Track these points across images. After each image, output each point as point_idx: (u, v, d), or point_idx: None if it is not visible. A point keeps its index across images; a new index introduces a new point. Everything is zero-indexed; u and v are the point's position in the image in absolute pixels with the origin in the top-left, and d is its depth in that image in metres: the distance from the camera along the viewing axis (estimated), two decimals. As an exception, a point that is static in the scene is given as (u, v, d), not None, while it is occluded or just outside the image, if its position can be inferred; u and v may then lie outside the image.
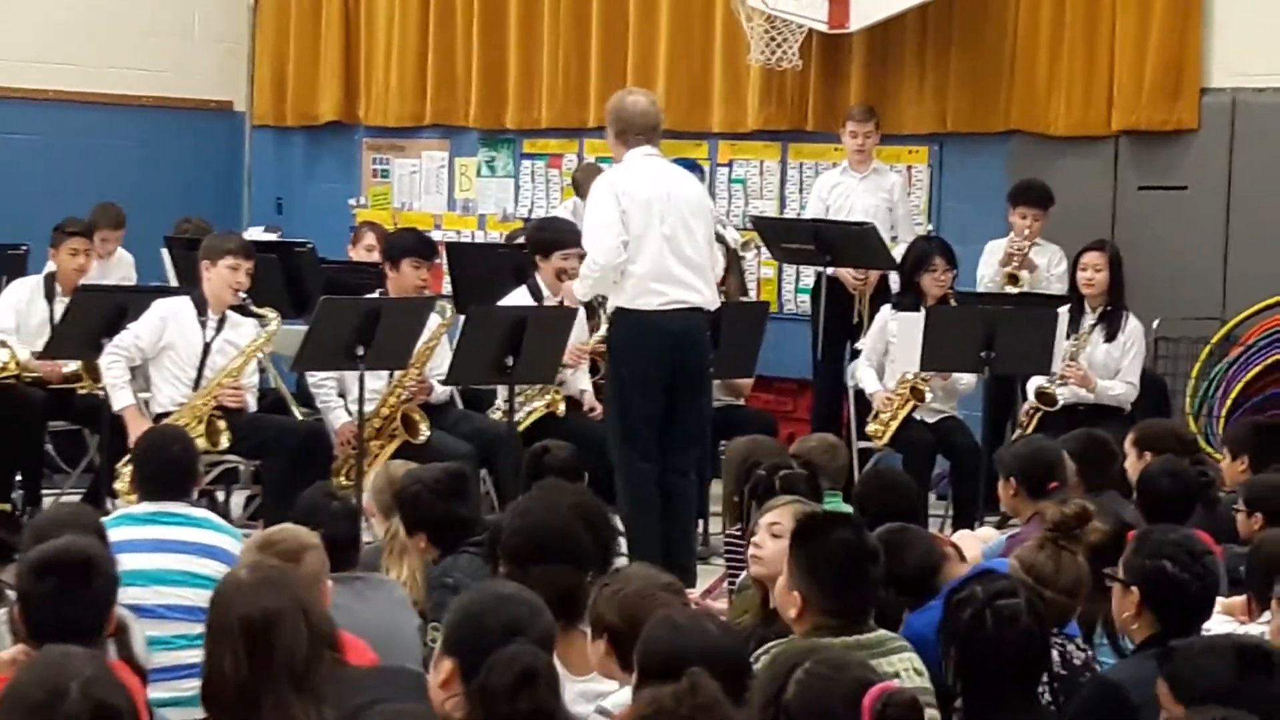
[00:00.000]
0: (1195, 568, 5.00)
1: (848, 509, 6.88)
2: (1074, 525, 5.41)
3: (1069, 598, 5.24)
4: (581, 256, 9.78)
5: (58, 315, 10.08)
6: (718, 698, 3.54)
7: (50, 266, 10.46)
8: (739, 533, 6.90)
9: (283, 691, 4.29)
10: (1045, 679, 4.59)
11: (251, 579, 4.50)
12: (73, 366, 10.03)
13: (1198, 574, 5.00)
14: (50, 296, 10.27)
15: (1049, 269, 11.05)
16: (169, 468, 6.67)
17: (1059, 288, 10.81)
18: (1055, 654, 5.09)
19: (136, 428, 8.72)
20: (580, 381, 10.30)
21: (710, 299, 8.95)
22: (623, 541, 7.53)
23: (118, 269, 11.89)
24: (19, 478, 10.11)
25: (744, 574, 6.33)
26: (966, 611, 4.39)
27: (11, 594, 5.12)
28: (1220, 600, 5.79)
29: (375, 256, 11.36)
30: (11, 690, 3.53)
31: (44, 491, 10.12)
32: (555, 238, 10.15)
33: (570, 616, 4.95)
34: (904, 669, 4.87)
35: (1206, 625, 5.17)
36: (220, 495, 10.07)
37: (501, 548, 5.54)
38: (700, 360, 8.98)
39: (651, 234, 8.69)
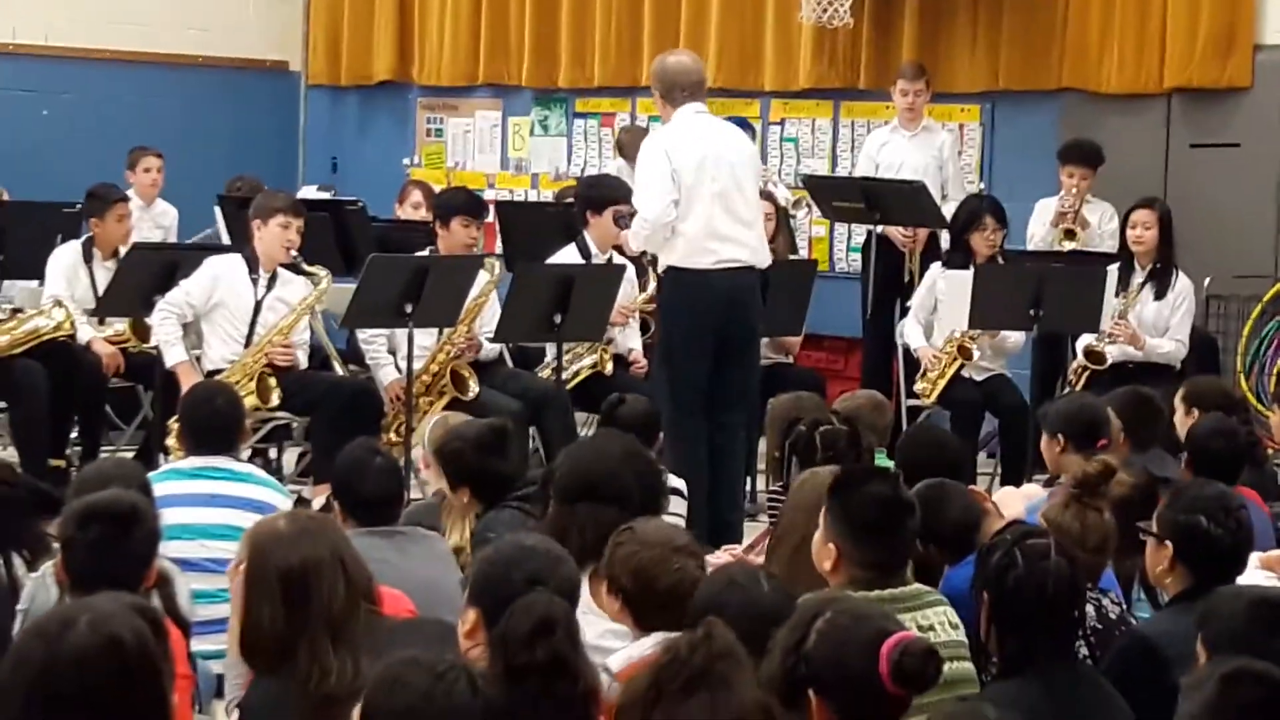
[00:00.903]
0: (1229, 522, 4.99)
1: (889, 465, 6.87)
2: (1098, 482, 5.40)
3: (1097, 554, 5.22)
4: (633, 214, 9.85)
5: (99, 280, 10.10)
6: (733, 647, 3.54)
7: (88, 231, 10.46)
8: (781, 488, 6.90)
9: (319, 641, 4.33)
10: (1080, 634, 4.58)
11: (290, 529, 4.54)
12: (120, 326, 10.07)
13: (1231, 528, 4.98)
14: (89, 261, 10.29)
15: (1100, 226, 11.01)
16: (214, 422, 6.71)
17: (1110, 245, 10.76)
18: (1090, 609, 5.09)
19: (189, 383, 8.73)
20: (630, 340, 10.31)
21: (762, 257, 8.92)
22: (676, 501, 7.51)
23: (163, 217, 11.95)
24: (74, 434, 10.17)
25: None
26: (996, 554, 4.39)
27: (56, 545, 5.18)
28: (1258, 555, 5.78)
29: (422, 214, 11.39)
30: (33, 623, 3.57)
31: (102, 448, 10.17)
32: (605, 194, 10.15)
33: None
34: (939, 622, 4.86)
35: (1243, 579, 5.16)
36: (272, 453, 10.14)
37: (553, 486, 5.58)
38: (750, 319, 8.95)
39: (702, 191, 8.66)
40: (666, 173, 8.64)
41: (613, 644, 4.61)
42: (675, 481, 7.62)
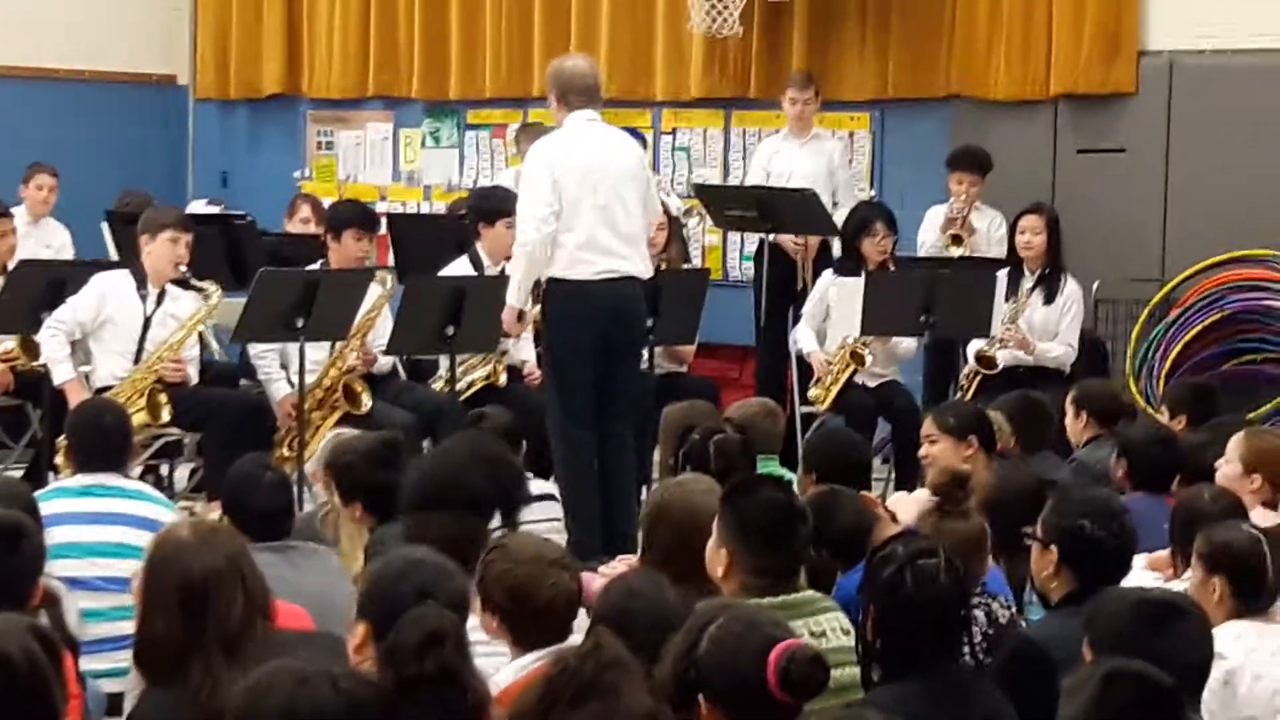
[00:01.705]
0: (1112, 525, 5.04)
1: (783, 473, 6.91)
2: (953, 489, 5.44)
3: (969, 560, 5.21)
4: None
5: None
6: (622, 655, 3.55)
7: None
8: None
9: (213, 655, 4.30)
10: (968, 638, 4.61)
11: (191, 538, 4.50)
12: (9, 344, 9.98)
13: (1114, 532, 5.04)
14: (-23, 278, 10.23)
15: (989, 232, 11.10)
16: (101, 440, 6.67)
17: (998, 251, 10.85)
18: (980, 613, 5.14)
19: (77, 401, 8.67)
20: (523, 351, 10.31)
21: (644, 268, 8.92)
22: (549, 506, 7.52)
23: (53, 237, 11.85)
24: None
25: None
26: (887, 570, 4.39)
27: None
28: (1146, 556, 5.85)
29: (311, 228, 11.37)
30: None
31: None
32: (497, 206, 10.14)
33: (468, 562, 4.93)
34: (830, 628, 4.90)
35: (1131, 580, 5.21)
36: (164, 469, 10.08)
37: (404, 496, 5.58)
38: (634, 328, 8.97)
39: (585, 203, 8.65)
40: (548, 183, 8.62)
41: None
42: (546, 486, 7.66)
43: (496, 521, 5.65)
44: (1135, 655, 3.55)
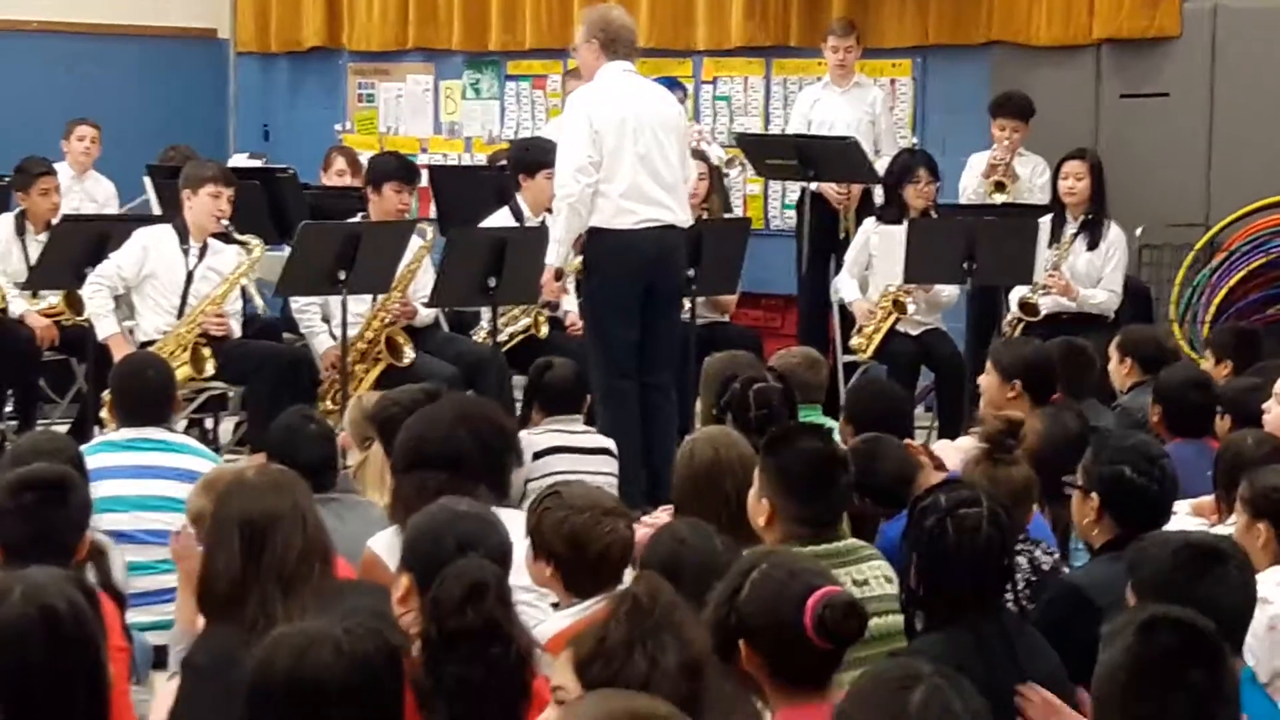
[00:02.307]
0: (1153, 471, 5.02)
1: (825, 421, 6.91)
2: (1004, 438, 5.43)
3: (1015, 508, 5.21)
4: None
5: (32, 253, 10.05)
6: (677, 597, 3.58)
7: (18, 205, 10.42)
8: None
9: (269, 592, 4.34)
10: (1011, 585, 4.60)
11: (257, 480, 4.59)
12: (53, 299, 10.03)
13: (1155, 478, 5.02)
14: (22, 234, 10.25)
15: (1031, 179, 11.04)
16: (145, 394, 6.71)
17: (1041, 198, 10.80)
18: (1023, 560, 5.13)
19: (121, 356, 8.70)
20: (565, 303, 10.32)
21: (684, 217, 8.93)
22: (607, 460, 7.52)
23: (96, 190, 11.89)
24: (9, 409, 10.14)
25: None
26: (929, 520, 4.38)
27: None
28: (1190, 502, 5.83)
29: (347, 180, 11.37)
30: None
31: (37, 422, 10.13)
32: (538, 157, 10.14)
33: None
34: (873, 576, 4.91)
35: (1173, 525, 5.21)
36: (209, 422, 10.12)
37: (392, 457, 5.59)
38: (675, 278, 8.98)
39: (625, 153, 8.65)
40: (587, 133, 8.61)
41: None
42: (605, 441, 7.66)
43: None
44: (1177, 600, 3.54)
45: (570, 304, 10.31)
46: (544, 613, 4.73)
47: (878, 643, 4.49)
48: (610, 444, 7.55)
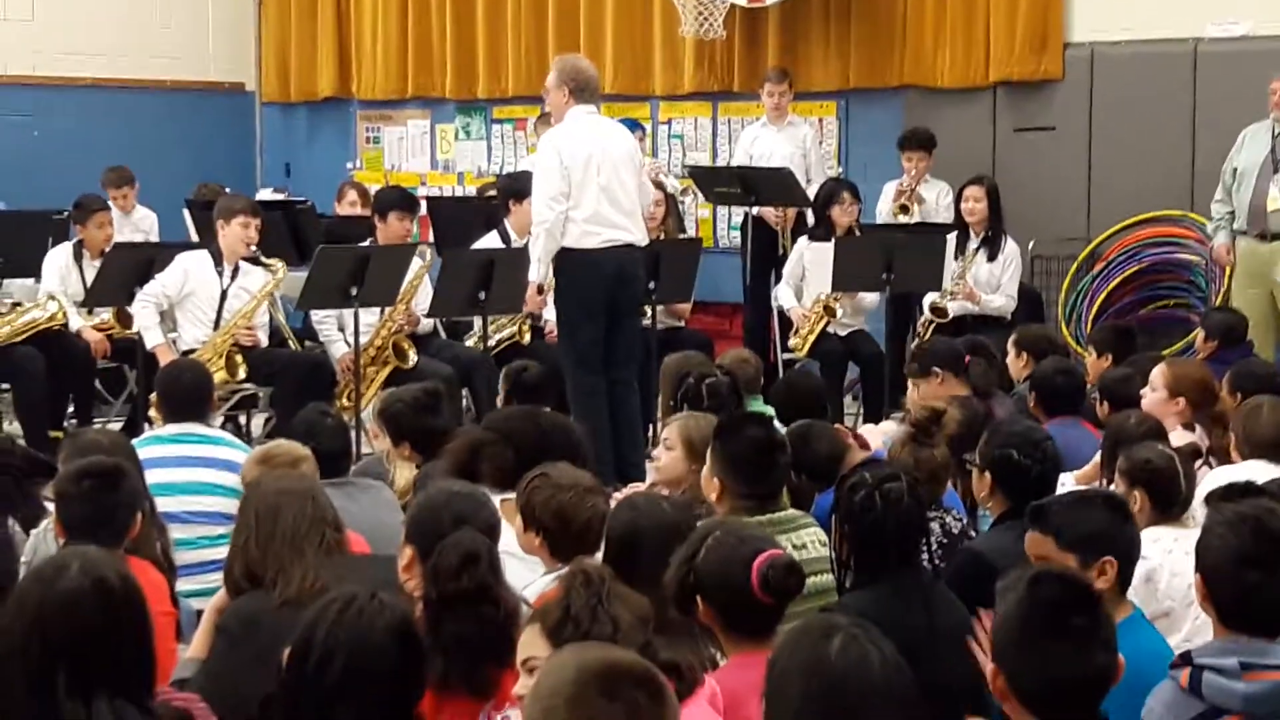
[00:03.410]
0: (1036, 454, 5.03)
1: (766, 409, 6.90)
2: (929, 424, 5.43)
3: (931, 483, 5.21)
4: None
5: (88, 276, 10.00)
6: (604, 574, 3.61)
7: (76, 235, 10.38)
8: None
9: (283, 554, 4.34)
10: (924, 547, 4.60)
11: (273, 482, 4.66)
12: (106, 315, 9.98)
13: (1038, 459, 5.02)
14: (79, 260, 10.20)
15: (937, 202, 11.06)
16: (186, 394, 6.67)
17: (946, 217, 10.82)
18: (935, 525, 5.13)
19: (166, 362, 8.66)
20: (545, 313, 10.29)
21: (641, 236, 8.89)
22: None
23: (142, 222, 11.84)
24: (71, 409, 10.09)
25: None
26: (859, 494, 4.38)
27: (52, 506, 5.14)
28: (1073, 473, 5.84)
29: (358, 210, 11.34)
30: (31, 569, 3.55)
31: (94, 421, 10.08)
32: (524, 186, 10.09)
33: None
34: (810, 541, 4.90)
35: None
36: (242, 419, 10.08)
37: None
38: (635, 289, 8.95)
39: (590, 184, 8.62)
40: (557, 168, 8.56)
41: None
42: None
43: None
44: (1112, 546, 3.54)
45: (550, 314, 10.29)
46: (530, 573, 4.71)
47: (814, 598, 4.49)
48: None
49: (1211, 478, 5.45)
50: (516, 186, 10.20)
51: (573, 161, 8.56)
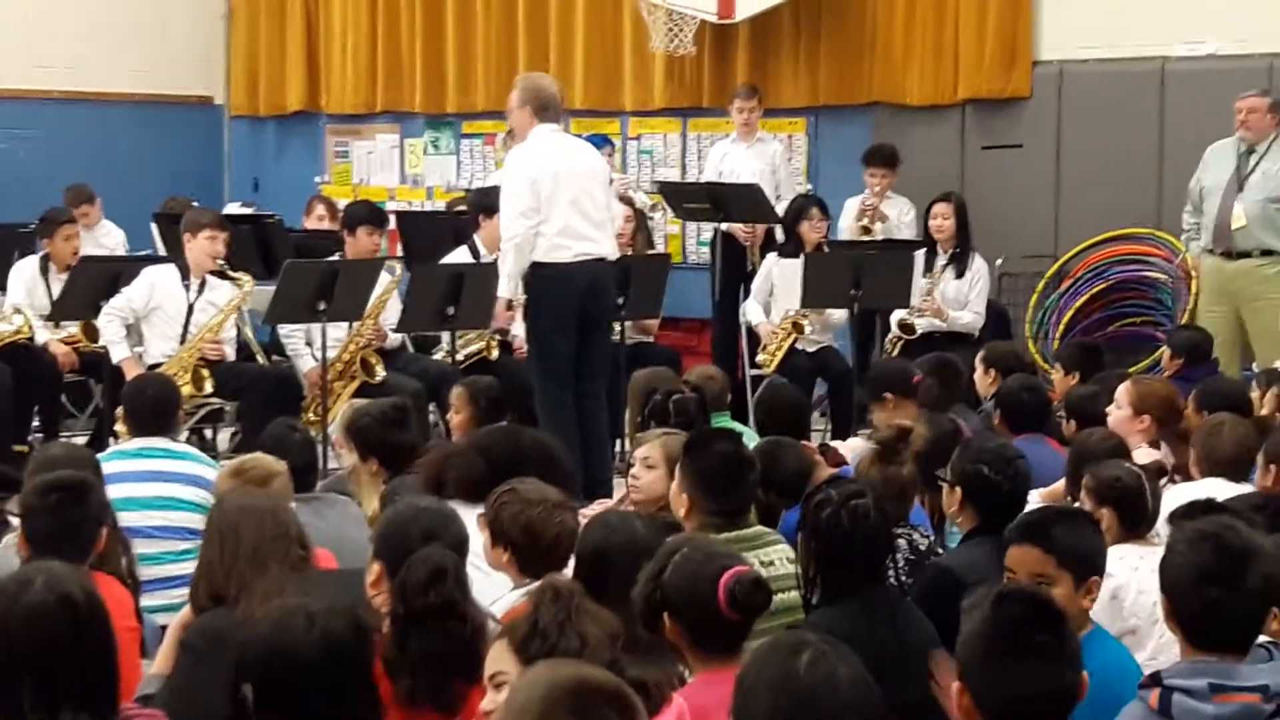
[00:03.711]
0: (1008, 470, 5.02)
1: (733, 425, 6.90)
2: (896, 443, 5.44)
3: (898, 501, 5.20)
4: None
5: (54, 290, 9.95)
6: (574, 590, 3.62)
7: (43, 249, 10.34)
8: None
9: (244, 570, 4.33)
10: (891, 563, 4.61)
11: (234, 492, 4.68)
12: (73, 329, 9.95)
13: (1009, 476, 5.01)
14: (46, 274, 10.16)
15: (899, 218, 11.09)
16: (151, 408, 6.64)
17: (909, 233, 10.86)
18: (903, 542, 5.13)
19: (133, 376, 8.62)
20: (514, 328, 10.29)
21: (611, 249, 8.89)
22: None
23: (106, 238, 11.80)
24: (36, 423, 10.04)
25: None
26: (825, 511, 4.38)
27: (15, 521, 5.11)
28: (1041, 491, 5.85)
29: (326, 224, 11.31)
30: None
31: (60, 435, 10.03)
32: (494, 202, 10.04)
33: None
34: (778, 558, 4.90)
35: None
36: (208, 433, 10.05)
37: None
38: (606, 301, 8.95)
39: (560, 199, 8.61)
40: (526, 184, 8.54)
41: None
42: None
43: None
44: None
45: (518, 329, 10.29)
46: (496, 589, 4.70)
47: (781, 615, 4.49)
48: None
49: (1172, 495, 5.47)
50: (486, 201, 10.18)
51: (541, 176, 8.56)
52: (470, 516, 4.71)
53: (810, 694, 2.95)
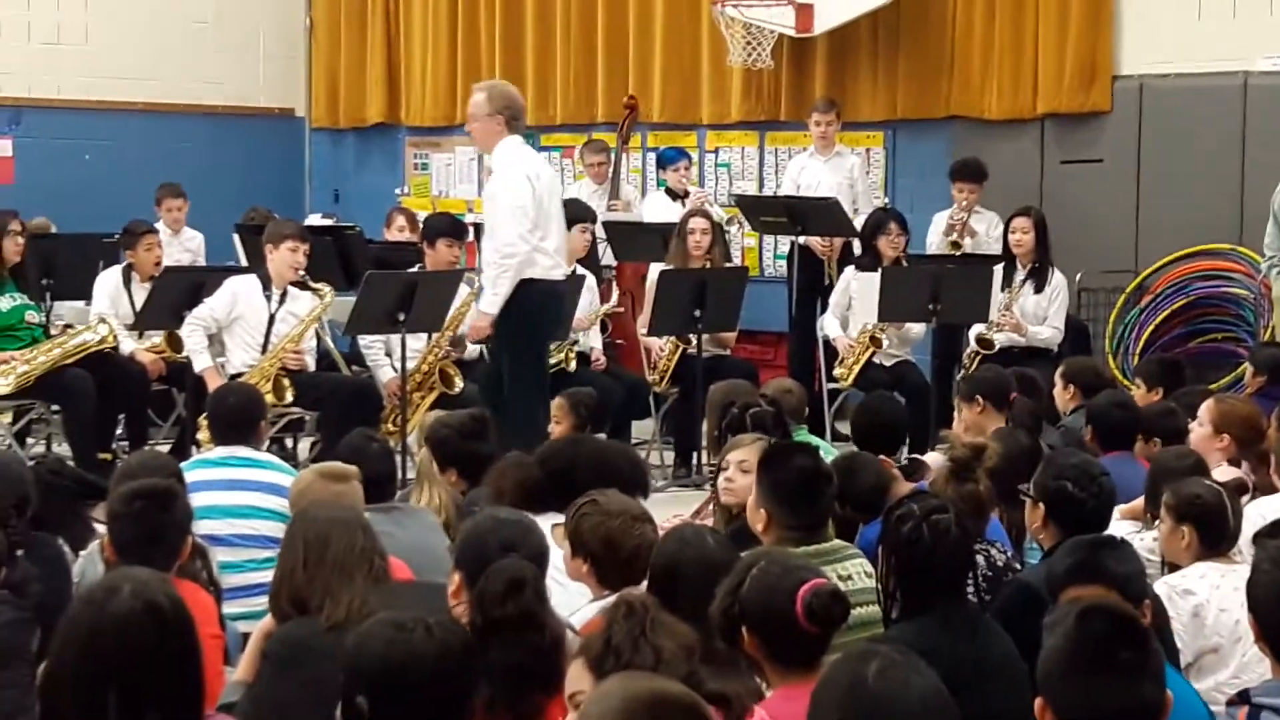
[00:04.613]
0: (1092, 488, 4.98)
1: (811, 439, 6.88)
2: (970, 461, 5.41)
3: (974, 517, 5.18)
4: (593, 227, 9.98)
5: (137, 300, 10.06)
6: (649, 606, 3.62)
7: (126, 259, 10.45)
8: (718, 464, 6.91)
9: (331, 581, 4.35)
10: (971, 579, 4.59)
11: (324, 511, 4.63)
12: (157, 339, 10.04)
13: (1093, 493, 4.97)
14: (129, 284, 10.27)
15: (988, 233, 11.04)
16: (234, 417, 6.69)
17: (998, 248, 10.79)
18: (980, 559, 5.10)
19: (214, 386, 8.70)
20: (592, 340, 10.32)
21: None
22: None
23: (190, 242, 11.93)
24: (120, 431, 10.13)
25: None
26: (906, 525, 4.37)
27: (101, 529, 5.16)
28: (1121, 507, 5.80)
29: (405, 236, 11.36)
30: (82, 591, 3.56)
31: (146, 443, 10.11)
32: (574, 213, 10.22)
33: None
34: (856, 572, 4.88)
35: (1111, 530, 5.17)
36: (289, 442, 10.11)
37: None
38: (567, 318, 9.11)
39: (553, 212, 8.57)
40: (531, 199, 8.45)
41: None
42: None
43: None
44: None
45: (595, 341, 10.31)
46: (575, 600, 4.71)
47: (859, 629, 4.47)
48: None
49: (1252, 510, 5.42)
50: (572, 213, 10.23)
51: (540, 187, 8.52)
52: (546, 527, 4.72)
53: (877, 703, 2.95)
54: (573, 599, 4.65)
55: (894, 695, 2.95)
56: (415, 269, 9.96)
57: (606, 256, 11.43)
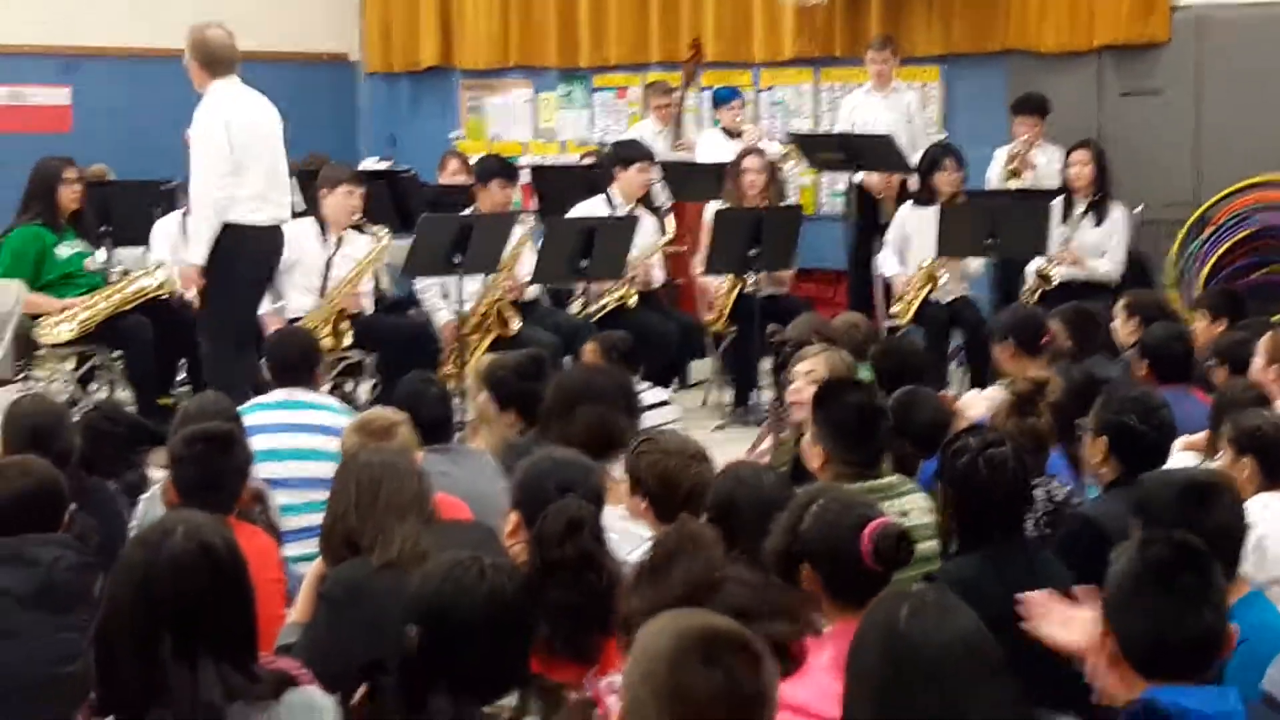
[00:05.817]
0: (1152, 420, 4.96)
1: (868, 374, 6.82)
2: (1032, 395, 5.36)
3: (1035, 453, 5.13)
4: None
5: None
6: (699, 529, 3.69)
7: (183, 206, 10.39)
8: (779, 401, 6.89)
9: (383, 522, 4.34)
10: (1030, 513, 4.54)
11: (377, 456, 4.64)
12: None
13: (1154, 425, 4.95)
14: (186, 230, 10.20)
15: (1050, 166, 10.90)
16: (294, 361, 6.69)
17: (1058, 183, 10.66)
18: (1041, 492, 5.06)
19: (274, 330, 8.69)
20: (655, 273, 10.30)
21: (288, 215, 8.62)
22: (662, 393, 7.51)
23: None
24: (182, 376, 10.16)
25: (785, 431, 6.35)
26: (962, 459, 4.35)
27: (155, 474, 5.18)
28: (1182, 439, 5.74)
29: (460, 179, 11.34)
30: (137, 533, 3.56)
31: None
32: (633, 153, 10.31)
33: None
34: (914, 508, 4.86)
35: (1172, 461, 5.12)
36: (348, 385, 10.12)
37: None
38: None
39: (261, 154, 8.39)
40: (222, 142, 8.27)
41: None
42: (662, 394, 7.62)
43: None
44: (1181, 528, 3.47)
45: (658, 273, 10.31)
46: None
47: (918, 565, 4.41)
48: (667, 395, 7.51)
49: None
50: (625, 153, 10.29)
51: (245, 135, 8.31)
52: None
53: (910, 645, 2.92)
54: (630, 540, 4.63)
55: (926, 637, 2.93)
56: (469, 211, 9.93)
57: (663, 197, 11.39)
